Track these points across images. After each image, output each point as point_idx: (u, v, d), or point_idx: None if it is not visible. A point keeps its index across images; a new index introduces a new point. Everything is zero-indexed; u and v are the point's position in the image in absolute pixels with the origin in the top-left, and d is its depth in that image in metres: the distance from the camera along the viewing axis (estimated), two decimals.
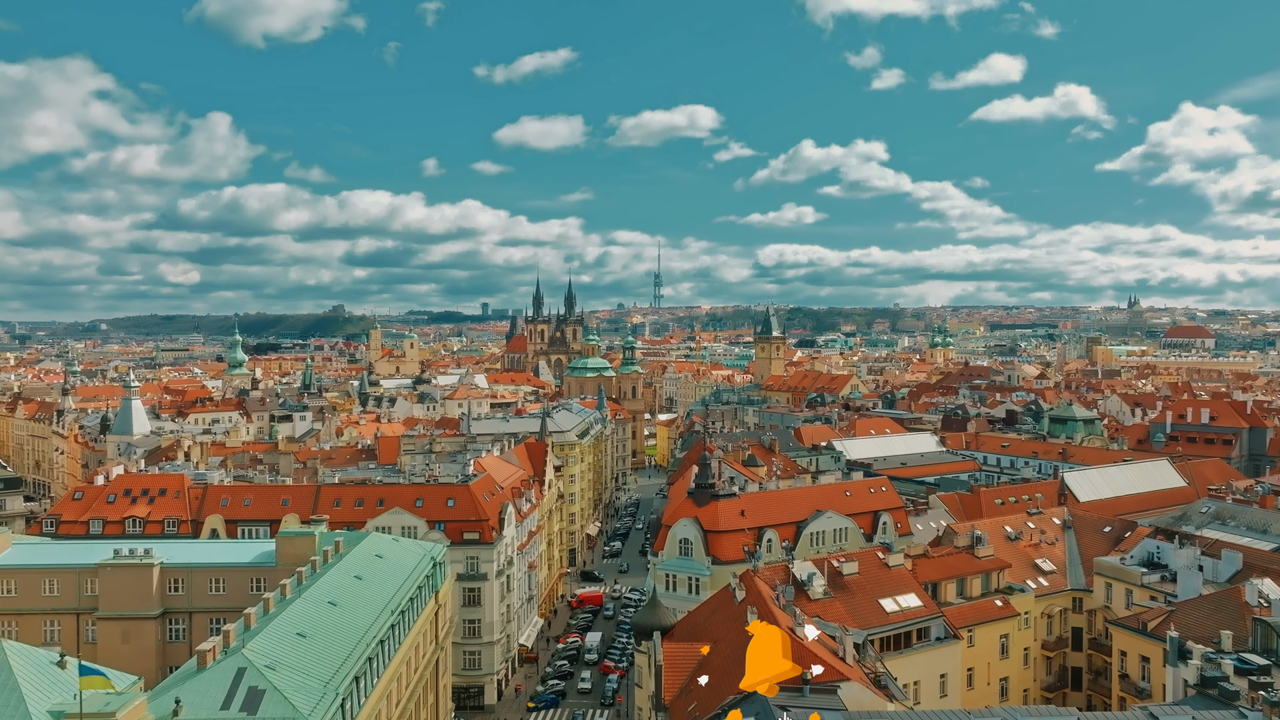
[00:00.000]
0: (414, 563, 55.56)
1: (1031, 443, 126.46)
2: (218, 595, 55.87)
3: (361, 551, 54.36)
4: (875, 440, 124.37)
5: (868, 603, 51.06)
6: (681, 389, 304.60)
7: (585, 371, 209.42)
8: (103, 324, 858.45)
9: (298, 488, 78.11)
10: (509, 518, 79.64)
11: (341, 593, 48.04)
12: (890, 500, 78.04)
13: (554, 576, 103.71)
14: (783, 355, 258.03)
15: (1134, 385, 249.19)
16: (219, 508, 75.12)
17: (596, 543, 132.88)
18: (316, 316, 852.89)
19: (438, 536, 74.21)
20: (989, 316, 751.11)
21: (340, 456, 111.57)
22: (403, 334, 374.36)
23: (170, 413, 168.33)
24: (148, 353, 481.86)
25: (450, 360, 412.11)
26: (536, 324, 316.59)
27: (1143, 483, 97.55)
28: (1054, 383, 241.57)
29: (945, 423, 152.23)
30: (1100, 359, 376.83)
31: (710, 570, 67.84)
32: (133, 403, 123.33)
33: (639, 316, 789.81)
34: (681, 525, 69.43)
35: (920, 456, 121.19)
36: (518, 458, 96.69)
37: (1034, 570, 60.84)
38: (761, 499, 72.45)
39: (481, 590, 74.81)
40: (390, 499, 75.66)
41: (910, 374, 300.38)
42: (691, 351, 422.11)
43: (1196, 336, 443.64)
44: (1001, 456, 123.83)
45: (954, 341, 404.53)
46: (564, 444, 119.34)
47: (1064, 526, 66.41)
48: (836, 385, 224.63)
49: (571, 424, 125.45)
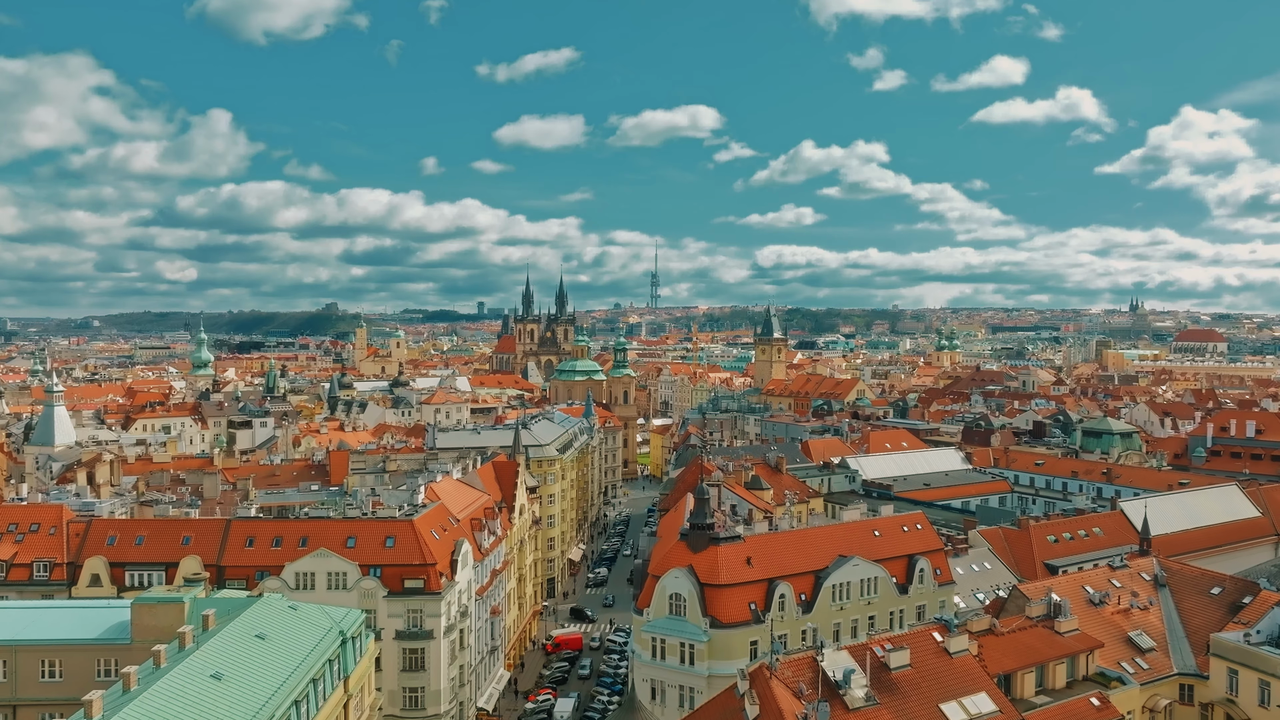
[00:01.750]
0: (311, 643, 41.50)
1: (1068, 461, 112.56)
2: (52, 683, 41.99)
3: (242, 628, 40.38)
4: (893, 457, 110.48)
5: (925, 710, 37.14)
6: (678, 392, 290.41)
7: (574, 375, 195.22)
8: (95, 320, 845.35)
9: (204, 523, 64.02)
10: (464, 558, 65.59)
11: (203, 693, 34.24)
12: (927, 540, 64.10)
13: (526, 616, 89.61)
14: (784, 358, 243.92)
15: (1153, 392, 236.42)
16: (103, 547, 61.02)
17: (580, 569, 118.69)
18: (309, 314, 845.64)
19: (372, 585, 60.24)
20: (989, 319, 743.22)
21: (286, 474, 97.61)
22: (394, 333, 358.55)
23: (118, 418, 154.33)
24: (128, 350, 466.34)
25: (439, 360, 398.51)
26: (526, 323, 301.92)
27: (1210, 512, 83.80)
28: (1070, 389, 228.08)
29: (966, 435, 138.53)
30: (1111, 363, 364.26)
31: (708, 635, 53.92)
32: (55, 410, 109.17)
33: (635, 316, 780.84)
34: (673, 577, 55.45)
35: (945, 476, 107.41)
36: (483, 480, 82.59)
37: (1129, 648, 46.86)
38: (771, 543, 58.44)
39: (426, 651, 60.77)
40: (316, 537, 61.57)
41: (917, 378, 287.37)
42: (688, 353, 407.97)
43: (1208, 340, 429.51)
44: (1035, 476, 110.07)
45: (959, 344, 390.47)
46: (542, 459, 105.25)
47: (1155, 584, 52.46)
48: (842, 390, 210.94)
49: (551, 436, 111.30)
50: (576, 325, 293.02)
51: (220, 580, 60.39)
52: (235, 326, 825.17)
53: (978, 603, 65.65)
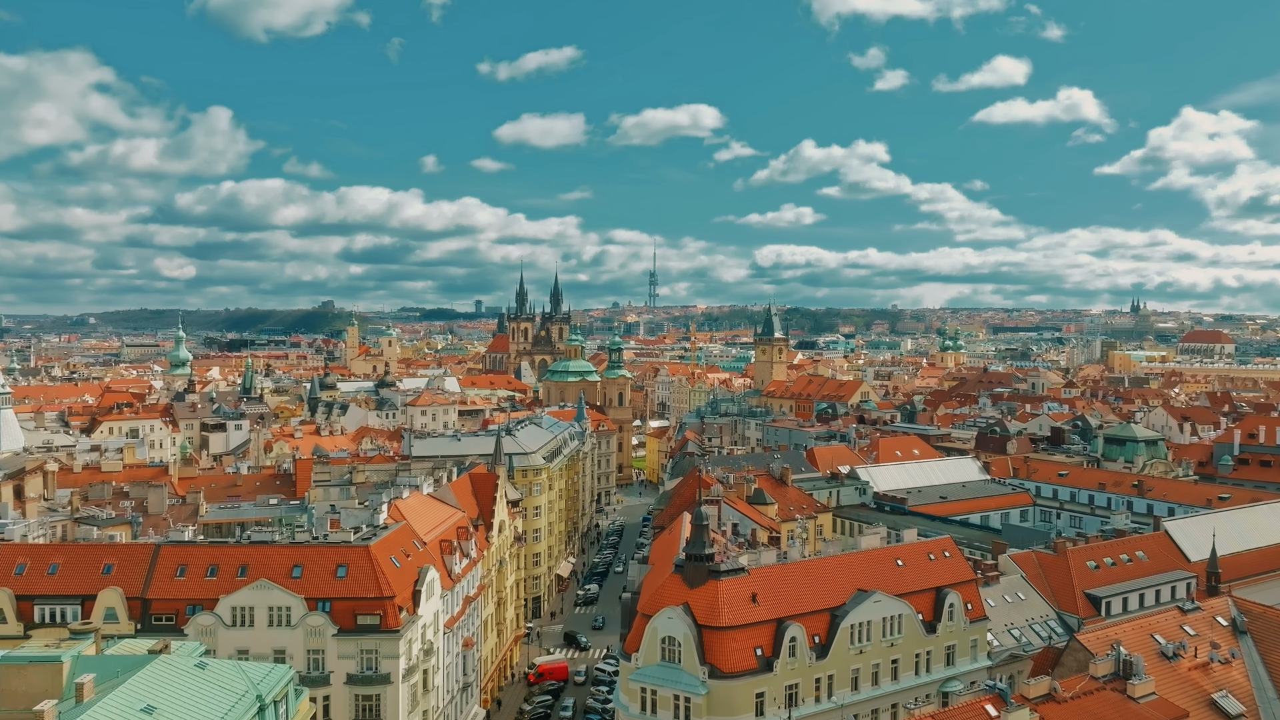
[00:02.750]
0: (215, 716, 33.53)
1: (1094, 471, 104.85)
2: None
3: (126, 699, 32.45)
4: (905, 467, 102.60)
5: None
6: (675, 393, 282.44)
7: (567, 376, 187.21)
8: (91, 318, 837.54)
9: (129, 548, 55.98)
10: (429, 587, 57.65)
11: None
12: (957, 570, 56.18)
13: (507, 643, 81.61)
14: (784, 358, 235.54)
15: (1166, 394, 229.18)
16: (9, 577, 52.96)
17: (569, 584, 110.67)
18: (304, 312, 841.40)
19: (319, 621, 52.27)
20: (990, 319, 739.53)
21: (248, 484, 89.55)
22: (387, 331, 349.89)
23: (83, 420, 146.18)
24: (115, 348, 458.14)
25: (432, 360, 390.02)
26: (520, 321, 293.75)
27: (1257, 533, 75.94)
28: (1081, 391, 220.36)
29: (981, 442, 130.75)
30: (1117, 364, 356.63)
31: (706, 686, 46.02)
32: (1, 413, 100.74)
33: (634, 315, 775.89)
34: (666, 618, 47.54)
35: (962, 488, 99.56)
36: (458, 494, 74.61)
37: (1214, 713, 38.97)
38: (781, 576, 50.45)
39: (383, 698, 52.78)
40: (257, 565, 53.54)
41: (920, 379, 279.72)
42: (686, 352, 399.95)
43: (1215, 342, 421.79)
44: (1059, 488, 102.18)
45: (963, 345, 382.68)
46: (528, 469, 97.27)
47: (1234, 630, 44.60)
48: (845, 393, 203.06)
49: (538, 443, 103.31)
50: (572, 324, 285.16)
51: (145, 616, 52.49)
52: (231, 324, 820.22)
53: (1013, 641, 57.87)
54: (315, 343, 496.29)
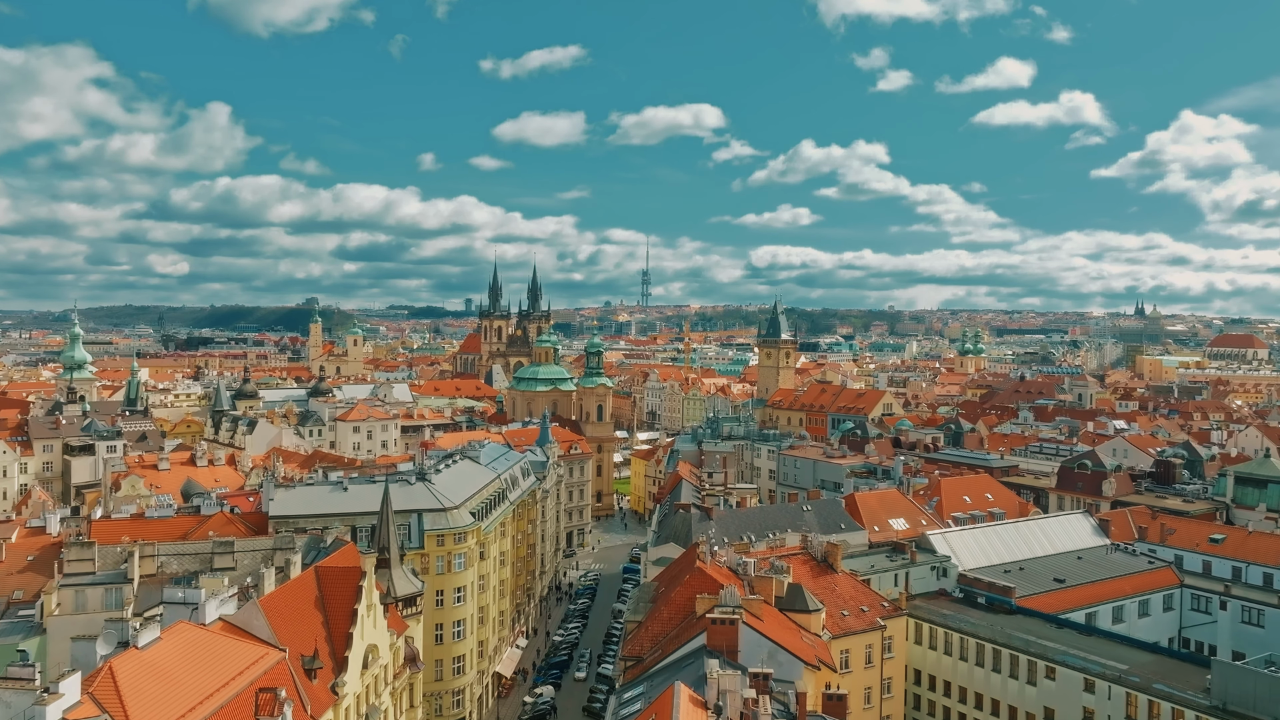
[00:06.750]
0: None
1: (1261, 537, 73.37)
2: None
3: None
4: (996, 531, 71.21)
5: None
6: (667, 402, 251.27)
7: (535, 384, 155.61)
8: (73, 313, 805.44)
9: None
10: None
11: None
12: None
13: None
14: (791, 362, 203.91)
15: (1228, 407, 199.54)
16: None
17: (512, 688, 79.06)
18: (287, 309, 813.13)
19: None
20: (991, 321, 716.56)
21: (17, 558, 58.23)
22: (355, 329, 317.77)
23: None
24: (58, 345, 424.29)
25: (403, 360, 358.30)
26: (493, 319, 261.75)
27: None
28: (1138, 405, 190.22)
29: (1064, 478, 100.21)
30: (1147, 370, 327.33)
31: None
32: None
33: (626, 315, 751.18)
34: None
35: (1078, 562, 68.60)
36: (287, 608, 43.13)
37: None
38: None
39: None
40: None
41: (941, 387, 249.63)
42: (679, 354, 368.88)
43: (1247, 346, 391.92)
44: (1214, 559, 71.08)
45: (983, 349, 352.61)
46: (445, 533, 65.75)
47: None
48: (865, 404, 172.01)
49: (466, 491, 71.42)
50: (557, 323, 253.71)
51: None
52: (213, 321, 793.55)
53: None
54: (282, 341, 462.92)
